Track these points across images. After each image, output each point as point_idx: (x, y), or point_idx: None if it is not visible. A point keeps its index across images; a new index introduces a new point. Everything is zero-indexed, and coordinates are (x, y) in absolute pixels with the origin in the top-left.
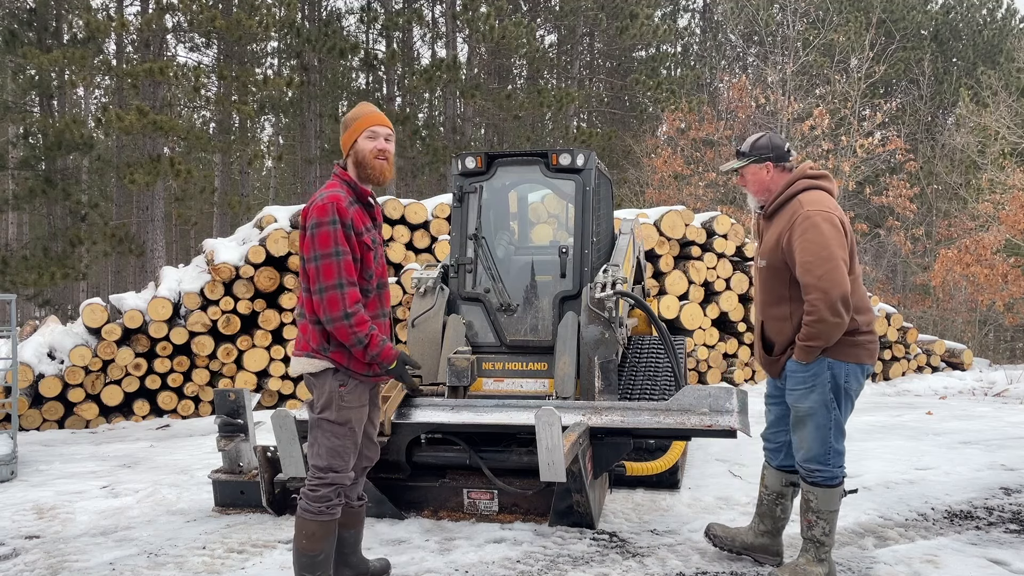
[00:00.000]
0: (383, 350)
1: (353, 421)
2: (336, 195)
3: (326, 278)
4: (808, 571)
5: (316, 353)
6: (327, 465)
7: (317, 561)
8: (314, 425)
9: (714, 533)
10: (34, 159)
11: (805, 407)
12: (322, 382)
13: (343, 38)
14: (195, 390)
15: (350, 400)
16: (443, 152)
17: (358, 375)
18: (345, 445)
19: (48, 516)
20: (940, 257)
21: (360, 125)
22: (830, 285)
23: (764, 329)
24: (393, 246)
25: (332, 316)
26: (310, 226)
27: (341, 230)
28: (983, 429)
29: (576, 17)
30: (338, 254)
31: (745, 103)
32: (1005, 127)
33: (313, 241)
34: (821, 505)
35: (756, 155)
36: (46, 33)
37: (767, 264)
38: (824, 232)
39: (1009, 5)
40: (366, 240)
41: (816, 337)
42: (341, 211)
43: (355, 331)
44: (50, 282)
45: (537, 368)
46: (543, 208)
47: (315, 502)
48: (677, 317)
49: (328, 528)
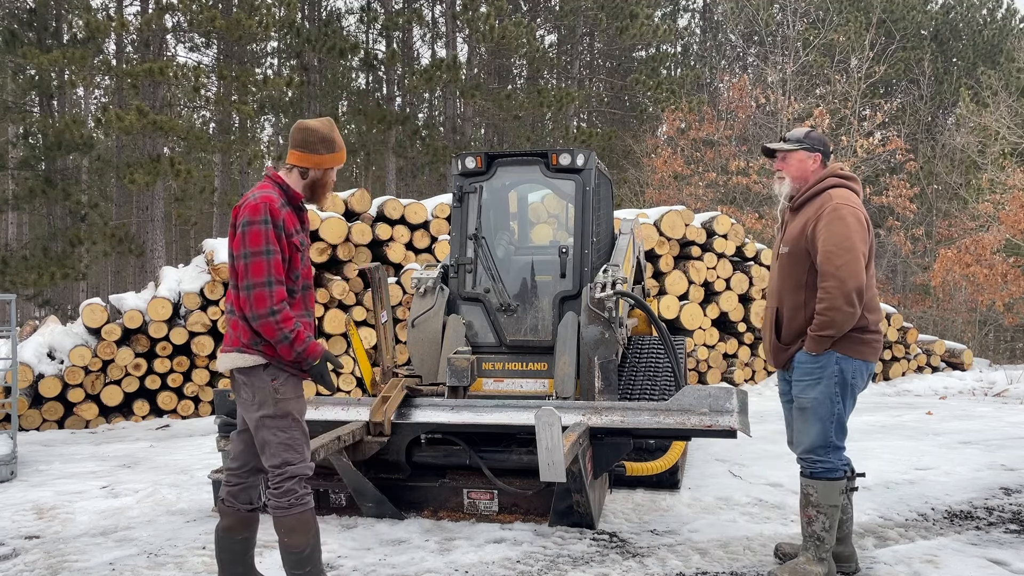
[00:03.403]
0: (308, 346)
1: (294, 412)
2: (269, 196)
3: (255, 275)
4: (808, 570)
5: (247, 348)
6: (282, 460)
7: (304, 556)
8: (258, 426)
9: (784, 552)
10: (34, 159)
11: (809, 398)
12: (254, 380)
13: (343, 38)
14: (195, 390)
15: (285, 392)
16: (443, 152)
17: (287, 368)
18: (293, 436)
19: (48, 516)
20: (940, 257)
21: (337, 160)
22: (847, 275)
23: (778, 315)
24: (393, 246)
25: (259, 313)
26: (241, 224)
27: (272, 230)
28: (983, 429)
29: (576, 17)
30: (268, 252)
31: (745, 103)
32: (1005, 127)
33: (244, 239)
34: (821, 499)
35: (810, 144)
36: (46, 33)
37: (790, 251)
38: (849, 225)
39: (1009, 5)
40: (295, 241)
41: (828, 326)
42: (273, 211)
43: (281, 327)
44: (50, 282)
45: (537, 368)
46: (543, 208)
47: (281, 498)
48: (677, 317)
49: (303, 520)
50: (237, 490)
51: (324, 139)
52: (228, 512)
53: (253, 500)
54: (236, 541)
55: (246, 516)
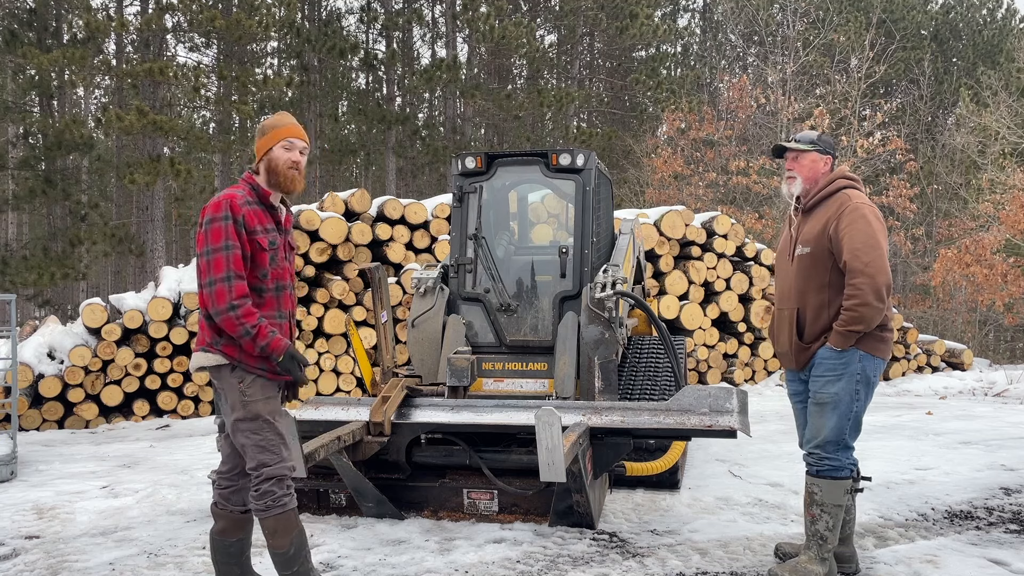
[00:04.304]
0: (271, 341)
1: (264, 413)
2: (232, 194)
3: (215, 271)
4: (809, 570)
5: (210, 348)
6: (258, 463)
7: (289, 556)
8: (234, 431)
9: (784, 552)
10: (34, 159)
11: (830, 393)
12: (223, 383)
13: (343, 38)
14: (195, 390)
15: (252, 394)
16: (443, 152)
17: (253, 369)
18: (266, 438)
19: (48, 516)
20: (940, 257)
21: (278, 134)
22: (876, 271)
23: (800, 316)
24: (393, 246)
25: (219, 308)
26: (204, 222)
27: (232, 226)
28: (983, 429)
29: (576, 17)
30: (228, 248)
31: (745, 103)
32: (1005, 127)
33: (206, 236)
34: (826, 498)
35: (823, 146)
36: (46, 33)
37: (811, 252)
38: (872, 223)
39: (1009, 5)
40: (259, 239)
41: (858, 321)
42: (234, 208)
43: (242, 322)
44: (50, 282)
45: (537, 368)
46: (543, 208)
47: (260, 499)
48: (677, 317)
49: (285, 522)
50: (228, 492)
51: (263, 129)
52: (221, 515)
53: (245, 502)
54: (230, 543)
55: (239, 518)
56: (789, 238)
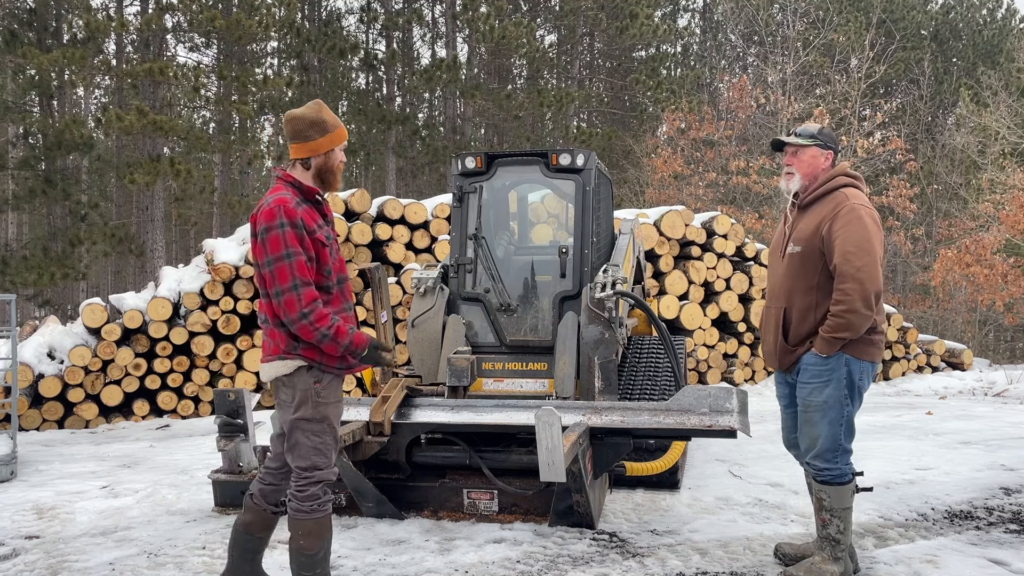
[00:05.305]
0: (353, 338)
1: (331, 417)
2: (282, 198)
3: (281, 281)
4: (823, 570)
5: (288, 354)
6: (311, 464)
7: (316, 559)
8: (292, 427)
9: (784, 552)
10: (34, 159)
11: (819, 401)
12: (295, 381)
13: (343, 38)
14: (195, 390)
15: (326, 396)
16: (443, 152)
17: (332, 369)
18: (326, 442)
19: (48, 516)
20: (940, 257)
21: (341, 135)
22: (867, 278)
23: (786, 316)
24: (393, 246)
25: (292, 317)
26: (260, 232)
27: (291, 231)
28: (983, 429)
29: (576, 17)
30: (290, 256)
31: (745, 103)
32: (1005, 127)
33: (265, 246)
34: (834, 503)
35: (823, 141)
36: (46, 33)
37: (802, 251)
38: (868, 226)
39: (1009, 5)
40: (319, 237)
41: (844, 328)
42: (289, 212)
43: (317, 327)
44: (50, 282)
45: (537, 368)
46: (543, 208)
47: (304, 501)
48: (677, 317)
49: (323, 524)
50: (269, 490)
51: (314, 123)
52: (253, 509)
53: (279, 502)
54: (252, 539)
55: (269, 517)
56: (783, 234)
